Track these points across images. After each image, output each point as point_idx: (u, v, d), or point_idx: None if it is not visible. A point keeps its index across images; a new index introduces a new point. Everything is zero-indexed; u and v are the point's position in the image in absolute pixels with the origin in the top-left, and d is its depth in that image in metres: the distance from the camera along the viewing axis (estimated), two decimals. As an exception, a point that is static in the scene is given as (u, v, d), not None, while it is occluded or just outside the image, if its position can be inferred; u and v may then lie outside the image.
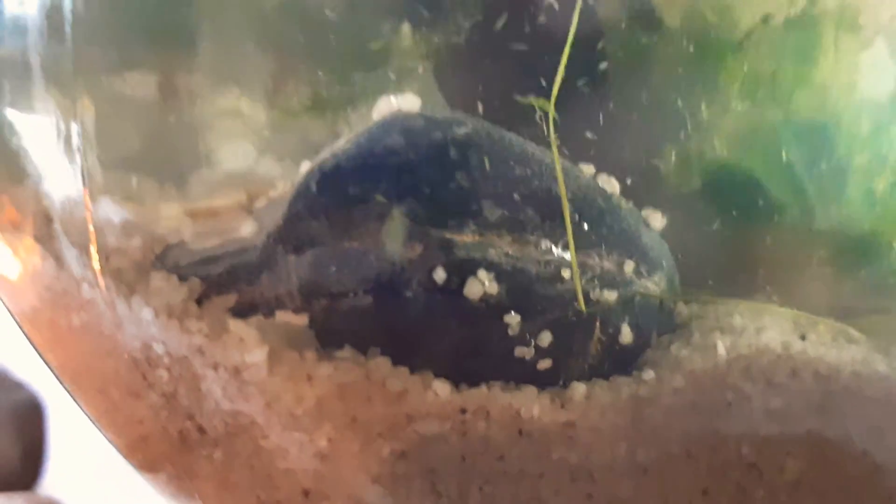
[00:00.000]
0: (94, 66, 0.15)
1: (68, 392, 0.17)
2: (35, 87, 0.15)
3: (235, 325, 0.12)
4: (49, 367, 0.18)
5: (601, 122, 0.13)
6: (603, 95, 0.13)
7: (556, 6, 0.13)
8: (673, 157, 0.14)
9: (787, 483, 0.15)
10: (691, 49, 0.14)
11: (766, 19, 0.14)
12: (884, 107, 0.14)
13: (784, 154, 0.14)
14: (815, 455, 0.15)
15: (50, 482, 0.26)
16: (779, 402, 0.14)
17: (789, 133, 0.14)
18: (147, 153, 0.15)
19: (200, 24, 0.14)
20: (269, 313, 0.12)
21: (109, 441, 0.17)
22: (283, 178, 0.12)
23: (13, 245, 0.16)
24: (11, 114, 0.16)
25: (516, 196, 0.12)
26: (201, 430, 0.14)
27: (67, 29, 0.15)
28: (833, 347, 0.14)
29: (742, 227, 0.14)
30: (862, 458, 0.15)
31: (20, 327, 0.18)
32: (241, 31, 0.13)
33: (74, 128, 0.15)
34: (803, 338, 0.14)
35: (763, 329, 0.14)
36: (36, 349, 0.18)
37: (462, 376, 0.12)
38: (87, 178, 0.15)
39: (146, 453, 0.16)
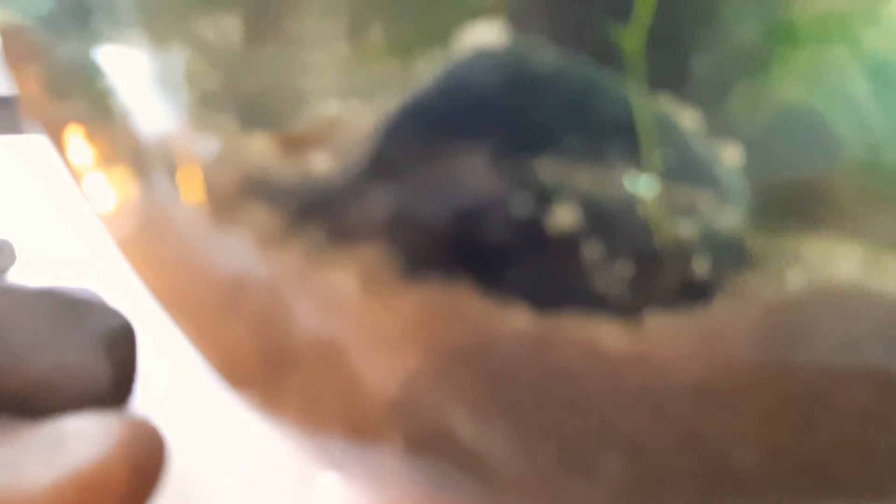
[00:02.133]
0: (184, 6, 0.14)
1: (165, 313, 0.18)
2: (125, 28, 0.15)
3: (325, 251, 0.12)
4: (147, 290, 0.18)
5: (680, 54, 0.13)
6: (684, 26, 0.13)
7: None
8: (747, 92, 0.14)
9: (857, 414, 0.15)
10: None
11: None
12: None
13: (853, 90, 0.14)
14: (886, 387, 0.14)
15: (140, 401, 0.27)
16: (848, 334, 0.13)
17: (859, 70, 0.14)
18: (235, 90, 0.14)
19: None
20: (359, 241, 0.12)
21: (202, 360, 0.17)
22: (370, 112, 0.12)
23: (110, 176, 0.17)
24: (104, 54, 0.16)
25: (596, 128, 0.12)
26: (290, 352, 0.14)
27: None
28: None
29: (813, 162, 0.14)
30: None
31: (120, 253, 0.19)
32: None
33: (166, 66, 0.15)
34: (872, 270, 0.14)
35: (833, 262, 0.13)
36: (135, 273, 0.18)
37: (542, 303, 0.12)
38: (179, 113, 0.15)
39: (236, 373, 0.16)
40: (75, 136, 0.17)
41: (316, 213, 0.12)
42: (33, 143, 0.70)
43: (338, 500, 0.22)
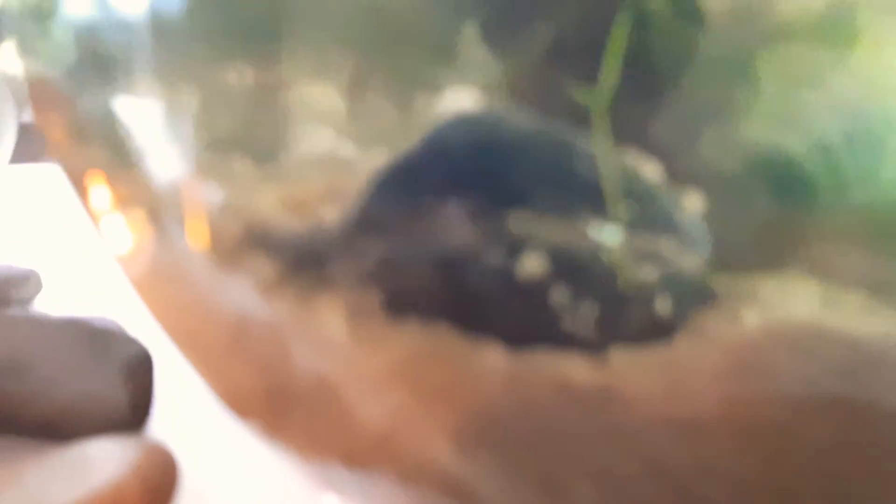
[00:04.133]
0: (193, 61, 0.15)
1: (175, 347, 0.19)
2: (142, 79, 0.16)
3: (317, 297, 0.13)
4: (158, 326, 0.19)
5: (645, 110, 0.13)
6: (648, 84, 0.14)
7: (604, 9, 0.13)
8: (713, 141, 0.14)
9: (818, 445, 0.15)
10: (732, 37, 0.13)
11: (804, 9, 0.14)
12: None
13: (822, 135, 0.14)
14: (845, 420, 0.14)
15: (155, 426, 0.27)
16: (805, 370, 0.14)
17: (828, 116, 0.14)
18: (241, 140, 0.15)
19: (289, 25, 0.14)
20: (348, 287, 0.13)
21: (210, 391, 0.18)
22: (362, 167, 0.13)
23: (128, 219, 0.17)
24: (122, 103, 0.16)
25: (564, 184, 0.12)
26: (288, 388, 0.15)
27: (171, 27, 0.15)
28: (859, 318, 0.14)
29: (778, 205, 0.14)
30: (892, 421, 0.15)
31: (136, 290, 0.19)
32: (326, 30, 0.14)
33: (176, 116, 0.16)
34: (828, 309, 0.14)
35: (791, 300, 0.14)
36: (147, 309, 0.19)
37: (515, 342, 0.13)
38: (187, 161, 0.15)
39: (241, 405, 0.17)
40: (95, 181, 0.18)
41: (309, 263, 0.13)
42: (55, 171, 0.72)
43: None
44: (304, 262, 0.13)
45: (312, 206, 0.13)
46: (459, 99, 0.12)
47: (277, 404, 0.15)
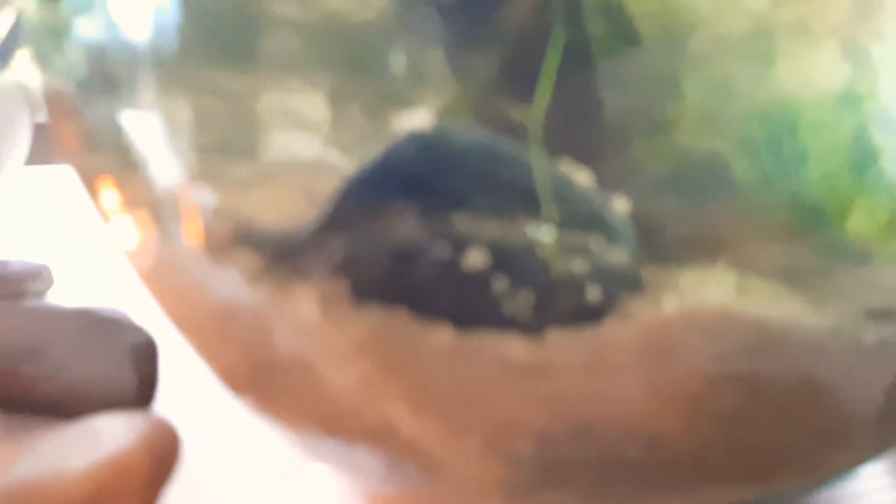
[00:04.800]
0: (185, 77, 0.16)
1: (176, 331, 0.20)
2: (143, 93, 0.17)
3: (294, 286, 0.15)
4: (162, 312, 0.20)
5: (578, 123, 0.15)
6: (581, 100, 0.15)
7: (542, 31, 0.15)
8: (644, 149, 0.15)
9: (728, 414, 0.16)
10: (663, 55, 0.15)
11: (727, 30, 0.15)
12: (832, 102, 0.15)
13: (747, 138, 0.15)
14: (752, 392, 0.16)
15: (160, 404, 0.29)
16: (716, 348, 0.15)
17: (753, 121, 0.15)
18: (228, 147, 0.16)
19: (272, 45, 0.16)
20: (319, 278, 0.15)
21: (207, 369, 0.20)
22: (333, 174, 0.15)
23: (133, 218, 0.19)
24: (126, 114, 0.18)
25: (504, 189, 0.14)
26: (270, 364, 0.17)
27: (167, 47, 0.17)
28: (768, 303, 0.16)
29: (703, 203, 0.15)
30: (793, 396, 0.17)
31: (143, 282, 0.21)
32: (301, 47, 0.15)
33: (172, 126, 0.17)
34: (740, 296, 0.15)
35: (707, 289, 0.15)
36: (152, 297, 0.20)
37: (462, 325, 0.15)
38: (182, 167, 0.17)
39: (234, 382, 0.18)
40: (104, 184, 0.19)
41: (287, 257, 0.15)
42: (67, 172, 0.70)
43: (325, 488, 0.24)
44: (282, 257, 0.15)
45: (290, 208, 0.15)
46: (418, 116, 0.14)
47: (262, 379, 0.17)
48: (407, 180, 0.14)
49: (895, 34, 0.15)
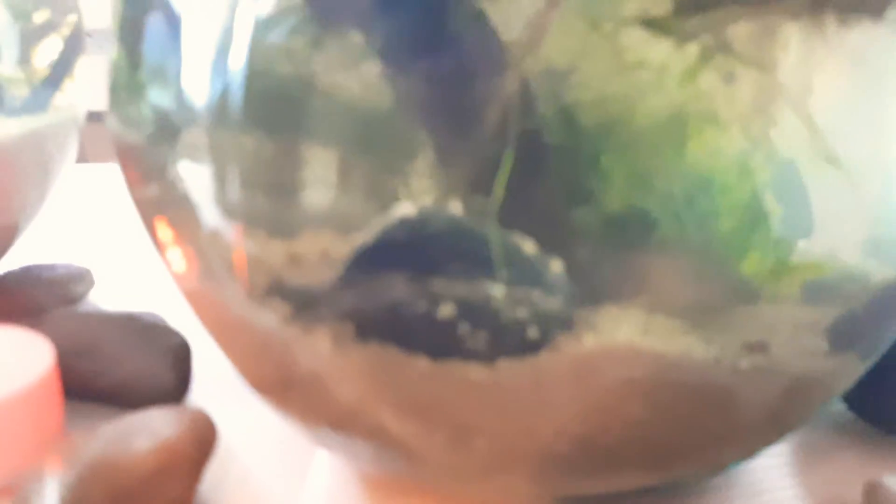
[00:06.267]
0: (232, 139, 0.18)
1: (215, 344, 0.22)
2: (197, 149, 0.19)
3: (314, 327, 0.18)
4: (202, 325, 0.23)
5: (526, 204, 0.17)
6: (527, 188, 0.17)
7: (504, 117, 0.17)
8: (578, 217, 0.17)
9: (636, 420, 0.19)
10: (598, 142, 0.17)
11: (652, 118, 0.17)
12: (734, 172, 0.17)
13: (668, 196, 0.17)
14: (653, 405, 0.19)
15: (194, 399, 0.31)
16: (625, 373, 0.18)
17: (673, 183, 0.17)
18: (264, 202, 0.18)
19: (296, 122, 0.18)
20: (332, 320, 0.18)
21: (238, 375, 0.22)
22: (344, 246, 0.18)
23: (183, 251, 0.21)
24: (183, 167, 0.20)
25: (469, 258, 0.17)
26: (291, 378, 0.20)
27: (218, 115, 0.19)
28: (667, 339, 0.18)
29: (628, 255, 0.17)
30: (686, 407, 0.19)
31: (185, 298, 0.23)
32: (324, 129, 0.17)
33: (217, 179, 0.19)
34: (644, 333, 0.18)
35: (618, 327, 0.18)
36: (194, 312, 0.23)
37: (436, 356, 0.18)
38: (224, 214, 0.19)
39: (260, 387, 0.22)
40: (160, 221, 0.22)
41: (309, 306, 0.18)
42: (104, 171, 0.68)
43: (328, 468, 0.27)
44: (306, 306, 0.18)
45: (313, 265, 0.18)
46: (407, 206, 0.17)
47: (285, 388, 0.20)
48: (398, 253, 0.18)
49: (786, 120, 0.17)
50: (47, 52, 0.35)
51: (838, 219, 0.19)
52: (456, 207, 0.18)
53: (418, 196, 0.18)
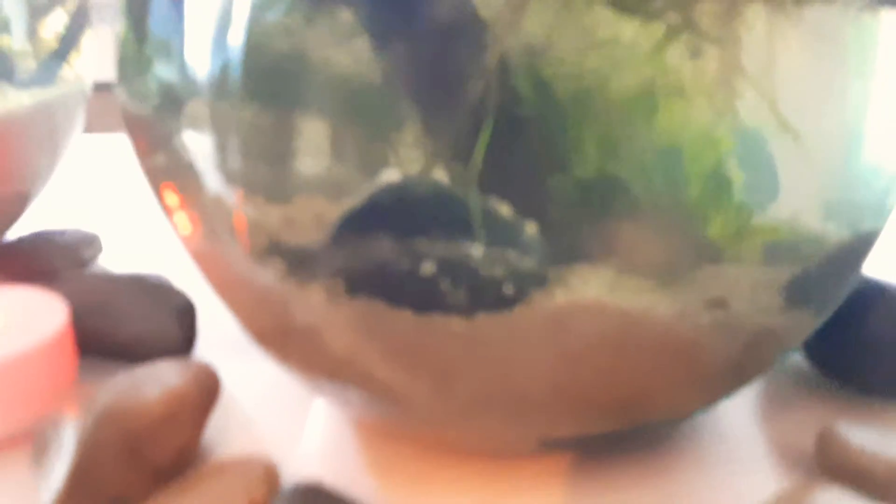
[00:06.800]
0: (232, 109, 0.19)
1: (220, 299, 0.23)
2: (200, 120, 0.20)
3: (308, 283, 0.19)
4: (207, 282, 0.24)
5: (503, 171, 0.18)
6: (505, 155, 0.18)
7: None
8: (554, 183, 0.18)
9: (604, 369, 0.20)
10: (573, 113, 0.17)
11: (624, 91, 0.17)
12: (701, 142, 0.18)
13: (641, 160, 0.17)
14: (616, 355, 0.20)
15: (199, 354, 0.32)
16: (593, 327, 0.19)
17: (644, 149, 0.18)
18: (262, 169, 0.19)
19: (291, 93, 0.18)
20: (325, 276, 0.19)
21: (240, 328, 0.23)
22: (335, 209, 0.19)
23: (189, 215, 0.22)
24: (187, 137, 0.21)
25: (450, 220, 0.18)
26: (289, 330, 0.21)
27: (221, 87, 0.19)
28: (633, 296, 0.19)
29: (601, 218, 0.18)
30: (651, 357, 0.20)
31: (192, 259, 0.23)
32: (317, 101, 0.18)
33: (219, 147, 0.20)
34: (612, 290, 0.19)
35: (587, 285, 0.19)
36: (199, 270, 0.24)
37: (420, 310, 0.19)
38: (227, 180, 0.20)
39: (261, 337, 0.23)
40: (167, 188, 0.23)
41: (304, 264, 0.20)
42: (111, 141, 0.68)
43: (324, 415, 0.28)
44: (301, 264, 0.19)
45: (305, 228, 0.20)
46: (393, 172, 0.18)
47: (284, 339, 0.21)
48: (384, 216, 0.19)
49: (749, 93, 0.18)
50: (54, 25, 0.36)
51: (798, 184, 0.19)
52: (439, 174, 0.19)
53: (404, 164, 0.19)
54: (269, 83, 0.19)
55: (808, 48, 0.18)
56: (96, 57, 0.67)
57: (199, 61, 0.20)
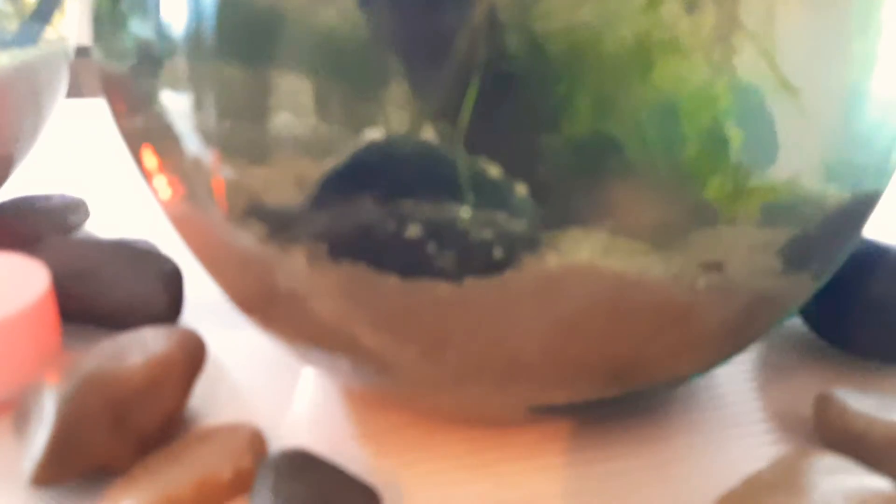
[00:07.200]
0: (211, 68, 0.19)
1: (201, 266, 0.23)
2: (178, 79, 0.20)
3: (290, 247, 0.19)
4: (188, 248, 0.23)
5: (491, 130, 0.17)
6: (498, 104, 0.17)
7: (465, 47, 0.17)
8: (545, 142, 0.17)
9: (597, 334, 0.19)
10: (566, 68, 0.17)
11: (619, 46, 0.17)
12: (698, 99, 0.17)
13: (636, 119, 0.17)
14: (613, 317, 0.19)
15: (185, 320, 0.32)
16: (585, 290, 0.19)
17: (640, 107, 0.17)
18: (242, 129, 0.19)
19: (271, 50, 0.18)
20: (307, 240, 0.19)
21: (224, 295, 0.23)
22: (318, 168, 0.18)
23: (168, 179, 0.22)
24: (165, 97, 0.20)
25: (436, 179, 0.18)
26: (272, 296, 0.21)
27: (197, 44, 0.19)
28: (626, 259, 0.19)
29: (592, 181, 0.18)
30: (645, 322, 0.20)
31: (172, 223, 0.23)
32: (299, 58, 0.18)
33: (198, 107, 0.19)
34: (605, 253, 0.18)
35: (579, 248, 0.18)
36: (179, 236, 0.23)
37: (406, 275, 0.19)
38: (205, 140, 0.19)
39: (244, 305, 0.22)
40: (146, 150, 0.22)
41: (285, 227, 0.19)
42: (96, 105, 0.68)
43: (313, 382, 0.28)
44: (282, 227, 0.19)
45: (286, 189, 0.19)
46: (377, 130, 0.18)
47: (268, 306, 0.21)
48: (368, 176, 0.18)
49: (747, 49, 0.17)
50: (35, -16, 0.35)
51: (798, 144, 0.19)
52: (425, 132, 0.18)
53: (389, 122, 0.18)
54: (249, 38, 0.19)
55: (808, 2, 0.18)
56: (81, 20, 0.66)
57: (176, 17, 0.19)
